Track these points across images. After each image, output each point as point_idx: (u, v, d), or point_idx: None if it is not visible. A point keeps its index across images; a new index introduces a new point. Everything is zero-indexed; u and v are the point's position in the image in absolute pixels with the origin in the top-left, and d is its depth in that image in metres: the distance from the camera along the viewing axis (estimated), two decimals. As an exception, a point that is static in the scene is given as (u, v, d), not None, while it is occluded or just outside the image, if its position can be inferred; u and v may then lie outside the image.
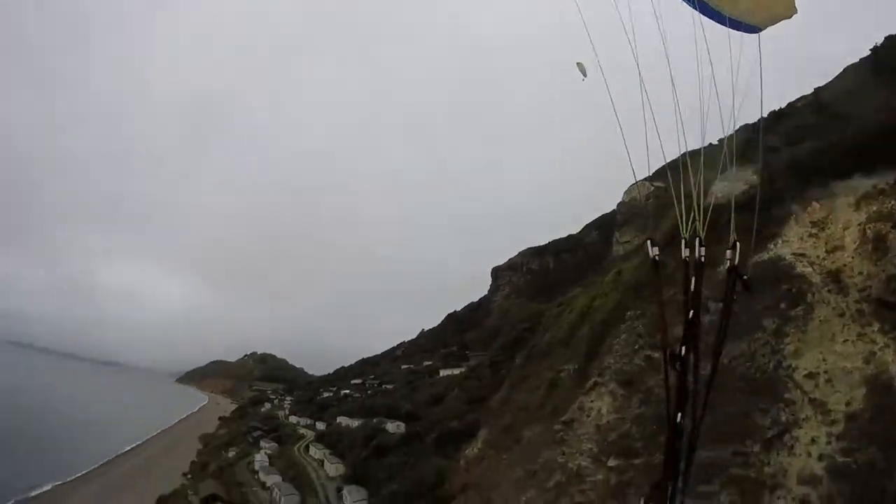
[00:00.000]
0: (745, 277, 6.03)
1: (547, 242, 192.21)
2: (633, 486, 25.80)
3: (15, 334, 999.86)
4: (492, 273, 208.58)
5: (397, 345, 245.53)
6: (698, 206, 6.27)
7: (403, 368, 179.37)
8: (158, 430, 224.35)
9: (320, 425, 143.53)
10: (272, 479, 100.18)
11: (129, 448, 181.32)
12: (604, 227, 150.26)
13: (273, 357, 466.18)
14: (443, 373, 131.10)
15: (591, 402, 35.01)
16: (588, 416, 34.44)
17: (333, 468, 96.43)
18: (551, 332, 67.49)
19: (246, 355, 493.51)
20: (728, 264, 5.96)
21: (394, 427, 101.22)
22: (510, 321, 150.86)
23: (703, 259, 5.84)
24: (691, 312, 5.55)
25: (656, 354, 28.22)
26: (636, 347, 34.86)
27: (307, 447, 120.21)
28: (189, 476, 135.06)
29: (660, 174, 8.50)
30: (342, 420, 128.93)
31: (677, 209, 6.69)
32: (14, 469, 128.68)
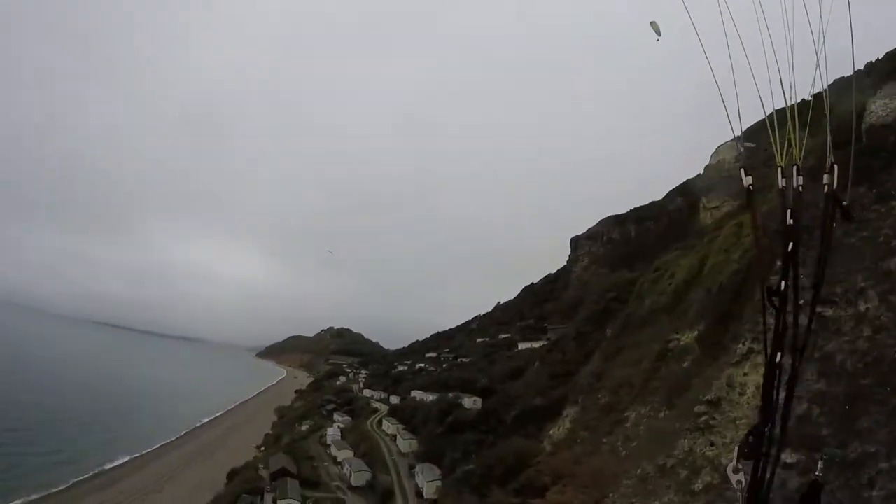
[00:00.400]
0: (845, 204, 5.12)
1: (628, 210, 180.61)
2: (826, 488, 17.52)
3: (103, 316, 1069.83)
4: (571, 243, 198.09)
5: (472, 318, 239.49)
6: (793, 128, 5.37)
7: (479, 342, 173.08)
8: (237, 403, 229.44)
9: (394, 399, 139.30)
10: (343, 454, 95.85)
11: (208, 419, 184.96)
12: (689, 192, 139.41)
13: (349, 331, 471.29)
14: (521, 346, 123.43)
15: (745, 375, 26.11)
16: (742, 393, 25.70)
17: (406, 444, 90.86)
18: (650, 299, 58.54)
19: (323, 330, 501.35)
20: (826, 189, 5.10)
21: (470, 402, 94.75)
22: (592, 292, 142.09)
23: (801, 188, 5.09)
24: (790, 245, 4.89)
25: (829, 311, 20.97)
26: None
27: (380, 421, 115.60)
28: (262, 448, 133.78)
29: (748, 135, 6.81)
30: (416, 394, 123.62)
31: (770, 135, 5.45)
32: (105, 437, 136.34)
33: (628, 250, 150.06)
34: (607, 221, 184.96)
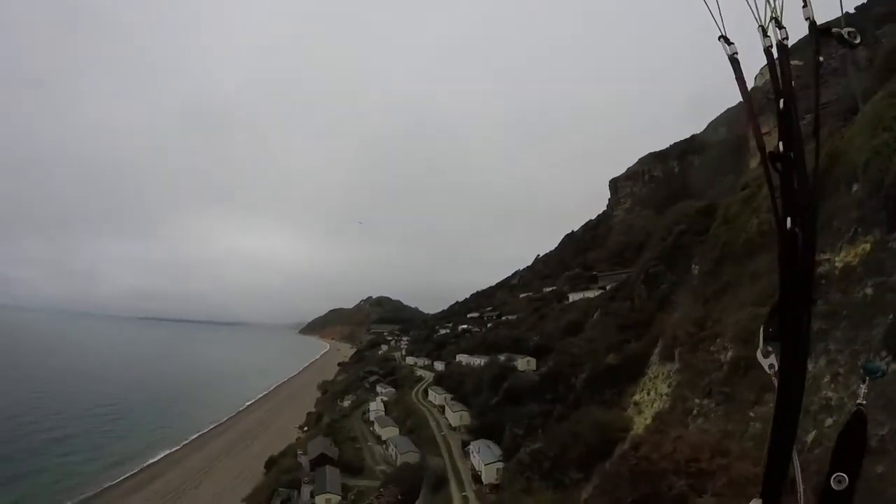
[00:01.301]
0: (835, 31, 4.16)
1: (668, 146, 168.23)
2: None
3: (151, 311, 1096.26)
4: (610, 185, 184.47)
5: (512, 274, 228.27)
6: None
7: (522, 297, 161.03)
8: (280, 382, 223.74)
9: (438, 365, 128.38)
10: (388, 432, 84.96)
11: (252, 402, 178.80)
12: (734, 121, 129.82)
13: (388, 299, 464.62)
14: (572, 297, 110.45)
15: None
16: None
17: (456, 416, 79.18)
18: (758, 219, 44.63)
19: (362, 300, 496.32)
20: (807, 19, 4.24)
21: (524, 363, 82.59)
22: (637, 234, 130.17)
23: (785, 42, 4.24)
24: (781, 102, 4.19)
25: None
26: None
27: (425, 391, 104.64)
28: (305, 429, 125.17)
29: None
30: (462, 358, 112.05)
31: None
32: (150, 429, 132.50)
33: (673, 188, 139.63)
34: (647, 159, 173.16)
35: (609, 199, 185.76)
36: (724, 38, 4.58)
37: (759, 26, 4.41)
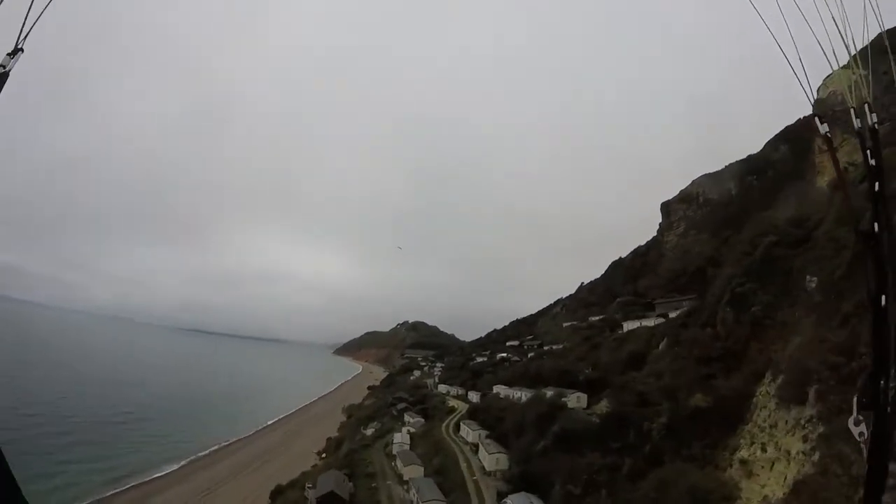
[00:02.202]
0: None
1: (723, 167, 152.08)
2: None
3: (191, 323, 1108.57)
4: (661, 209, 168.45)
5: (554, 302, 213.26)
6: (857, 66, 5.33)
7: (566, 326, 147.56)
8: (308, 402, 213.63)
9: (473, 396, 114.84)
10: (411, 471, 71.72)
11: (275, 420, 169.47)
12: (794, 138, 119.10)
13: (424, 325, 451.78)
14: (627, 326, 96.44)
15: None
16: None
17: (492, 459, 65.39)
18: None
19: (398, 324, 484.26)
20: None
21: (574, 399, 68.91)
22: (693, 259, 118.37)
23: (875, 125, 4.93)
24: (876, 185, 4.75)
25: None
26: None
27: (457, 424, 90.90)
28: (323, 455, 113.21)
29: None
30: (500, 390, 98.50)
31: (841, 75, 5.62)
32: (168, 439, 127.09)
33: (732, 210, 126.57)
34: (701, 181, 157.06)
35: (660, 224, 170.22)
36: (818, 118, 5.44)
37: (852, 107, 5.01)
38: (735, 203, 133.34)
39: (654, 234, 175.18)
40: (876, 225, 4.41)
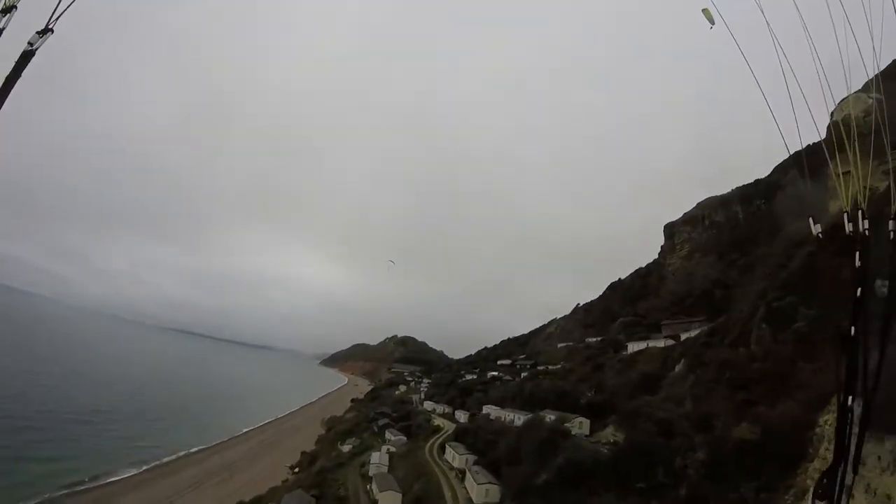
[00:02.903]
0: None
1: (730, 191, 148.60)
2: None
3: (177, 323, 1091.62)
4: (665, 230, 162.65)
5: (548, 322, 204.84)
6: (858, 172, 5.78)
7: (561, 346, 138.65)
8: (287, 412, 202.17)
9: (461, 415, 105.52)
10: (387, 499, 62.11)
11: (250, 429, 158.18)
12: (803, 164, 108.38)
13: (413, 340, 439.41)
14: (633, 346, 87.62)
15: None
16: None
17: (482, 491, 55.67)
18: None
19: (387, 338, 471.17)
20: (893, 235, 5.32)
21: (577, 425, 59.85)
22: (698, 282, 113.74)
23: (867, 232, 5.36)
24: (858, 290, 5.09)
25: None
26: None
27: (442, 446, 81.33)
28: (295, 470, 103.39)
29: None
30: (491, 410, 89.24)
31: (835, 179, 6.31)
32: (130, 442, 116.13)
33: (738, 234, 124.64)
34: (707, 204, 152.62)
35: (662, 246, 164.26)
36: (812, 218, 6.14)
37: (845, 212, 5.38)
38: (743, 226, 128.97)
39: (655, 256, 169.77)
40: (853, 329, 4.52)
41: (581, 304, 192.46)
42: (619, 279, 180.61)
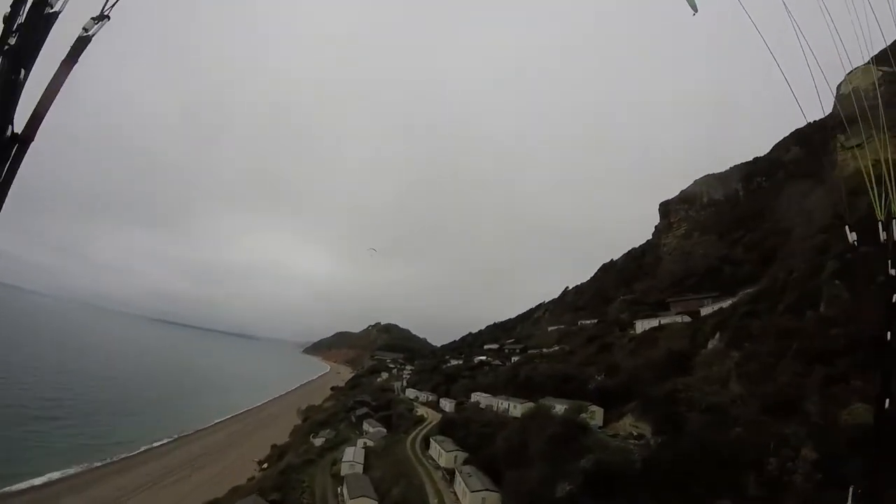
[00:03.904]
0: None
1: (729, 168, 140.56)
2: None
3: (160, 313, 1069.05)
4: (660, 209, 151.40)
5: (536, 306, 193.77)
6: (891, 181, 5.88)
7: (552, 330, 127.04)
8: (266, 400, 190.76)
9: (446, 404, 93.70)
10: (361, 506, 49.69)
11: (223, 419, 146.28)
12: (808, 139, 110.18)
13: (396, 327, 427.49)
14: (641, 325, 75.92)
15: None
16: None
17: (477, 500, 43.21)
18: None
19: (370, 326, 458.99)
20: None
21: (589, 415, 47.77)
22: (698, 262, 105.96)
23: None
24: (894, 297, 5.12)
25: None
26: None
27: (426, 439, 68.89)
28: (264, 466, 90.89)
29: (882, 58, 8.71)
30: (481, 398, 77.07)
31: (869, 190, 6.28)
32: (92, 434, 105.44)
33: (739, 212, 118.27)
34: (705, 181, 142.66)
35: (657, 225, 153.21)
36: (847, 226, 6.03)
37: (880, 220, 5.35)
38: (745, 204, 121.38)
39: (649, 236, 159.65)
40: (889, 334, 4.53)
41: (570, 287, 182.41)
42: (612, 260, 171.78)
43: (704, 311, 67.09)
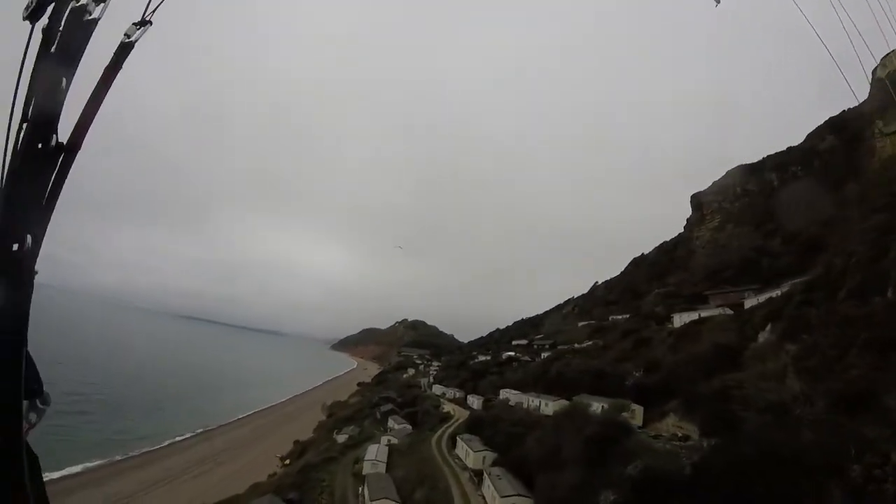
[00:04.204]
0: None
1: (761, 158, 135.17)
2: None
3: (189, 309, 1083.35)
4: (692, 201, 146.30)
5: (565, 301, 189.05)
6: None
7: (582, 325, 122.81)
8: (293, 395, 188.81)
9: (473, 400, 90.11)
10: (381, 510, 46.44)
11: (246, 414, 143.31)
12: (843, 127, 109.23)
13: (423, 324, 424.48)
14: (679, 318, 71.32)
15: None
16: None
17: (507, 505, 39.91)
18: None
19: (397, 322, 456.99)
20: None
21: (625, 414, 43.72)
22: (733, 254, 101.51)
23: None
24: None
25: None
26: None
27: (453, 438, 65.41)
28: (287, 461, 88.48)
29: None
30: (510, 395, 73.34)
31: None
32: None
33: (773, 203, 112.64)
34: (736, 172, 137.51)
35: (689, 218, 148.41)
36: None
37: None
38: (780, 195, 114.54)
39: (682, 230, 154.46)
40: None
41: (599, 282, 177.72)
42: (643, 254, 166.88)
43: (749, 303, 62.36)
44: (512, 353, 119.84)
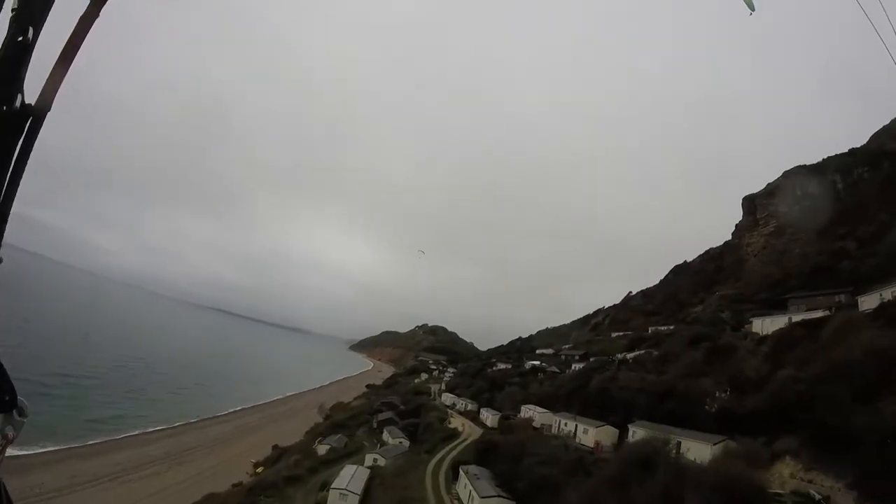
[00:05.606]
0: None
1: (822, 159, 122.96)
2: None
3: (217, 301, 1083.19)
4: (744, 204, 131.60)
5: (594, 312, 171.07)
6: None
7: (616, 336, 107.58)
8: (298, 391, 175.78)
9: (487, 415, 72.30)
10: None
11: (238, 408, 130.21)
12: None
13: (444, 329, 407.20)
14: (761, 324, 53.76)
15: None
16: None
17: None
18: None
19: (416, 326, 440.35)
20: None
21: (702, 450, 25.45)
22: (793, 261, 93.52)
23: None
24: None
25: None
26: None
27: (455, 468, 47.21)
28: (259, 469, 71.39)
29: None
30: (534, 413, 55.28)
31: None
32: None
33: (841, 205, 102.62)
34: (795, 173, 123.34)
35: (740, 223, 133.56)
36: None
37: None
38: (845, 197, 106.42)
39: (729, 238, 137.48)
40: None
41: (633, 292, 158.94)
42: (685, 262, 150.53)
43: (868, 302, 44.14)
44: (537, 363, 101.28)
